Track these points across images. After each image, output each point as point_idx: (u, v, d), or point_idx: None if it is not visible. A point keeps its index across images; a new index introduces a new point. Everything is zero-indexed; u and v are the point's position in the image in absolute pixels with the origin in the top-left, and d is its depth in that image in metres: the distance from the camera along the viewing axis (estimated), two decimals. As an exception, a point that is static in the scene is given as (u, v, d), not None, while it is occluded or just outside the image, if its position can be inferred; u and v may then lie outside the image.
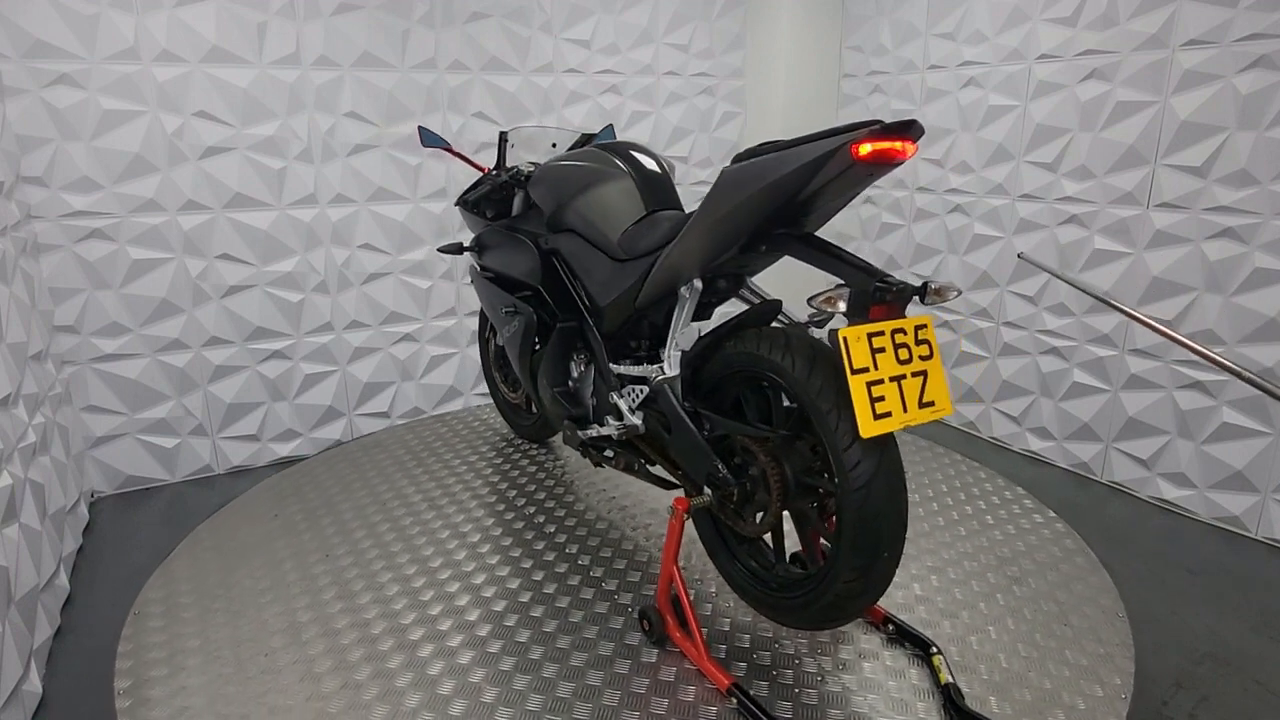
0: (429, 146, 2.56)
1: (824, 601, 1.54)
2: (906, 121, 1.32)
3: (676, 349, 1.78)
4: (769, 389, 1.67)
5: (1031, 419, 3.00)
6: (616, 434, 2.00)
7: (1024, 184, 2.87)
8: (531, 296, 2.38)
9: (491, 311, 2.59)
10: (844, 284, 1.43)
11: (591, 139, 2.61)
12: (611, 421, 2.01)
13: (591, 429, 2.11)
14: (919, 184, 3.31)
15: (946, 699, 1.62)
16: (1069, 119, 2.68)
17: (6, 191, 2.19)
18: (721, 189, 1.53)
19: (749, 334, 1.63)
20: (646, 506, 2.52)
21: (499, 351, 3.01)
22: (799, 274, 1.91)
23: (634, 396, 1.94)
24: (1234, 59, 2.24)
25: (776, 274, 2.29)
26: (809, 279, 1.59)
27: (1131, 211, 2.55)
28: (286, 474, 2.84)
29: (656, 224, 1.85)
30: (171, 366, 2.75)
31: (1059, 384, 2.86)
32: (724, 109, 3.68)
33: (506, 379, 3.02)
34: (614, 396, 1.99)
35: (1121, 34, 2.49)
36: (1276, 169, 2.21)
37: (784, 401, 1.65)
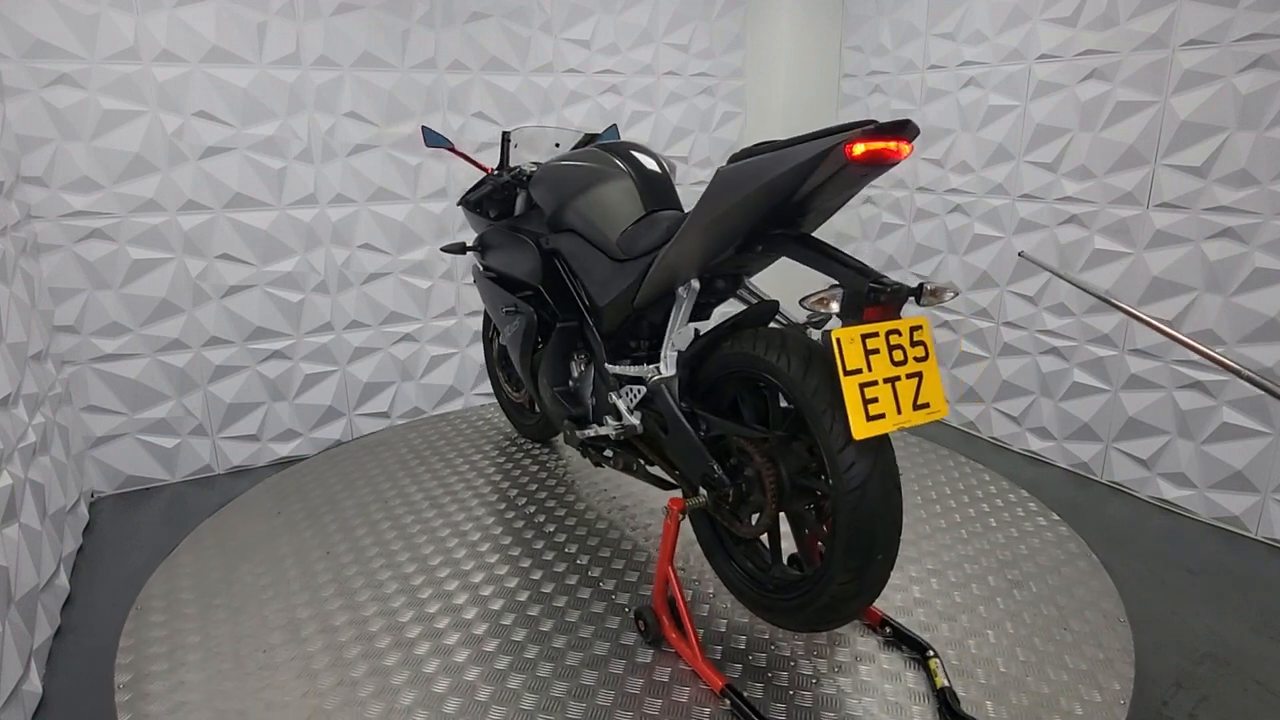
0: (432, 146, 2.56)
1: (819, 604, 1.53)
2: (900, 121, 1.31)
3: (673, 349, 1.78)
4: (766, 390, 1.66)
5: (1031, 419, 3.00)
6: (614, 434, 1.99)
7: (1024, 184, 2.87)
8: (532, 296, 2.38)
9: (493, 311, 2.59)
10: (838, 285, 1.43)
11: (595, 139, 2.61)
12: (610, 421, 2.01)
13: (590, 429, 2.11)
14: (919, 184, 3.31)
15: (942, 703, 1.62)
16: (1069, 119, 2.68)
17: (6, 191, 2.19)
18: (716, 189, 1.53)
19: (745, 334, 1.62)
20: (646, 507, 2.52)
21: (502, 351, 3.02)
22: (798, 275, 1.90)
23: (632, 396, 1.94)
24: (1234, 59, 2.24)
25: (775, 275, 2.29)
26: (808, 280, 1.59)
27: (1131, 211, 2.55)
28: (290, 471, 2.85)
29: (655, 224, 1.85)
30: (171, 366, 2.75)
31: (1059, 384, 2.86)
32: (724, 109, 3.68)
33: (510, 378, 3.02)
34: (612, 396, 1.99)
35: (1121, 34, 2.49)
36: (1276, 169, 2.21)
37: (781, 402, 1.64)
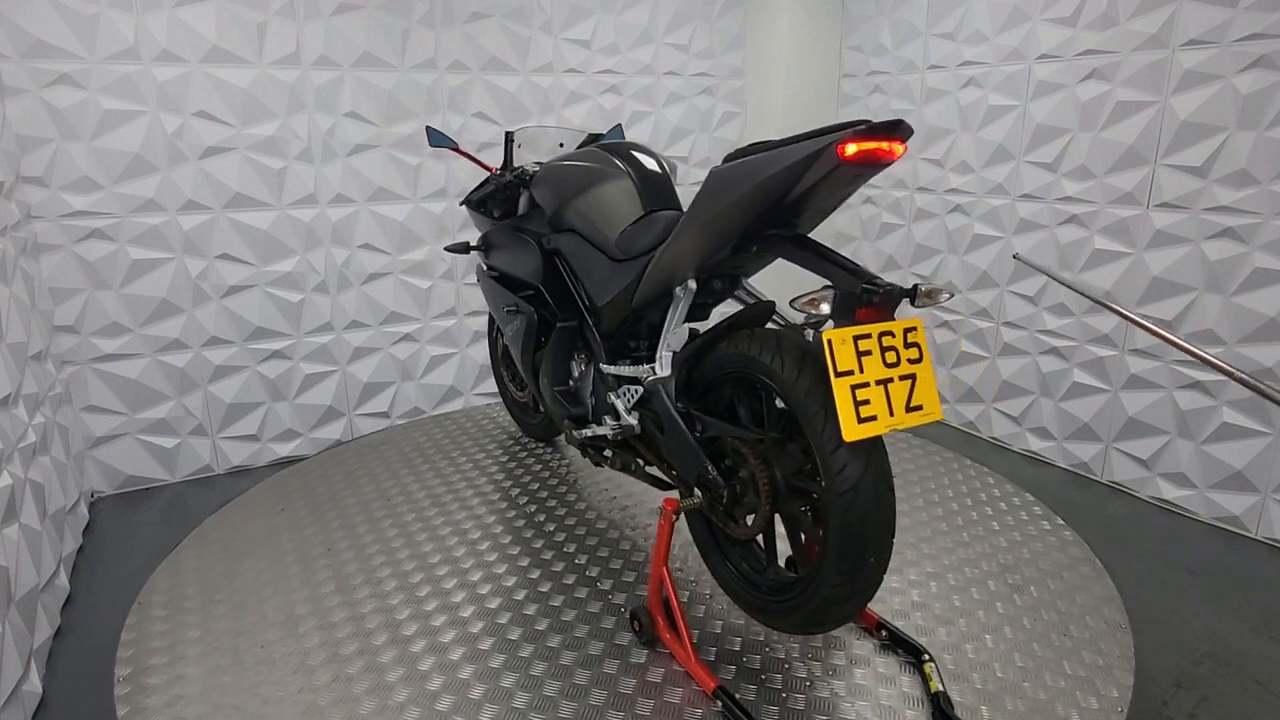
0: (436, 146, 2.57)
1: (811, 606, 1.53)
2: (893, 121, 1.30)
3: (668, 350, 1.77)
4: (762, 391, 1.66)
5: (1031, 419, 3.00)
6: (612, 434, 1.99)
7: (1024, 184, 2.87)
8: (533, 296, 2.38)
9: (495, 310, 2.60)
10: (831, 286, 1.42)
11: (599, 139, 2.60)
12: (609, 421, 2.01)
13: (589, 428, 2.11)
14: (919, 184, 3.31)
15: (936, 708, 1.61)
16: (1069, 119, 2.68)
17: (6, 191, 2.19)
18: (710, 190, 1.52)
19: (741, 335, 1.61)
20: (647, 507, 2.52)
21: (507, 350, 3.02)
22: (796, 275, 1.90)
23: (629, 397, 1.94)
24: (1234, 59, 2.24)
25: (774, 276, 2.29)
26: (807, 281, 1.58)
27: (1131, 211, 2.55)
28: (295, 469, 2.86)
29: (653, 224, 1.84)
30: (171, 366, 2.75)
31: (1059, 384, 2.86)
32: (724, 109, 3.68)
33: (514, 378, 3.03)
34: (611, 397, 1.99)
35: (1121, 34, 2.49)
36: (1276, 169, 2.20)
37: (777, 404, 1.64)
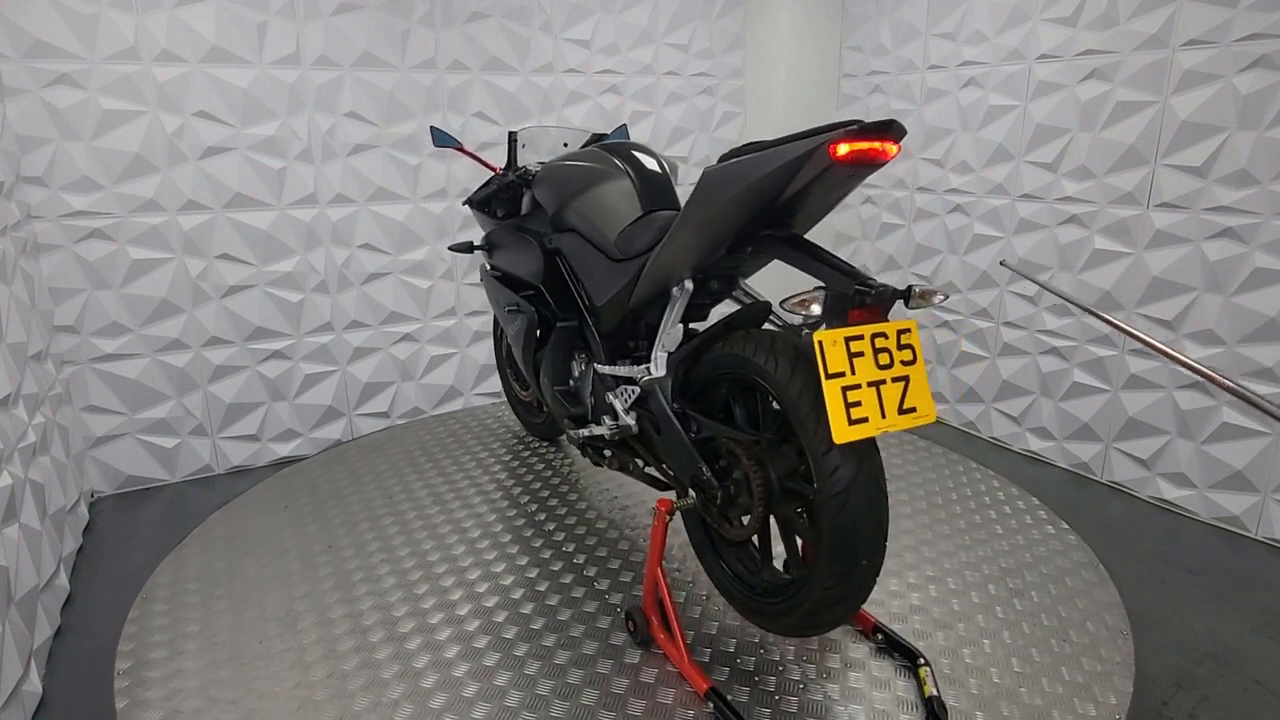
0: (441, 146, 2.57)
1: (804, 609, 1.52)
2: (885, 121, 1.30)
3: (663, 350, 1.77)
4: (757, 392, 1.65)
5: (1031, 419, 3.00)
6: (609, 434, 2.00)
7: (1024, 184, 2.87)
8: (534, 295, 2.38)
9: (497, 309, 2.60)
10: (823, 287, 1.41)
11: (603, 139, 2.60)
12: (607, 421, 2.01)
13: (589, 428, 2.12)
14: (919, 184, 3.31)
15: (929, 712, 1.60)
16: (1069, 119, 2.68)
17: (6, 191, 2.19)
18: (703, 190, 1.52)
19: (736, 336, 1.61)
20: (647, 507, 2.52)
21: (511, 350, 3.03)
22: (795, 276, 1.90)
23: (627, 397, 1.94)
24: (1234, 59, 2.24)
25: (773, 277, 2.29)
26: (804, 282, 1.58)
27: (1131, 211, 2.55)
28: (300, 467, 2.88)
29: (651, 224, 1.84)
30: (171, 366, 2.75)
31: (1059, 384, 2.86)
32: (724, 109, 3.68)
33: (518, 377, 3.04)
34: (609, 396, 1.99)
35: (1121, 34, 2.49)
36: (1276, 169, 2.21)
37: (772, 405, 1.64)
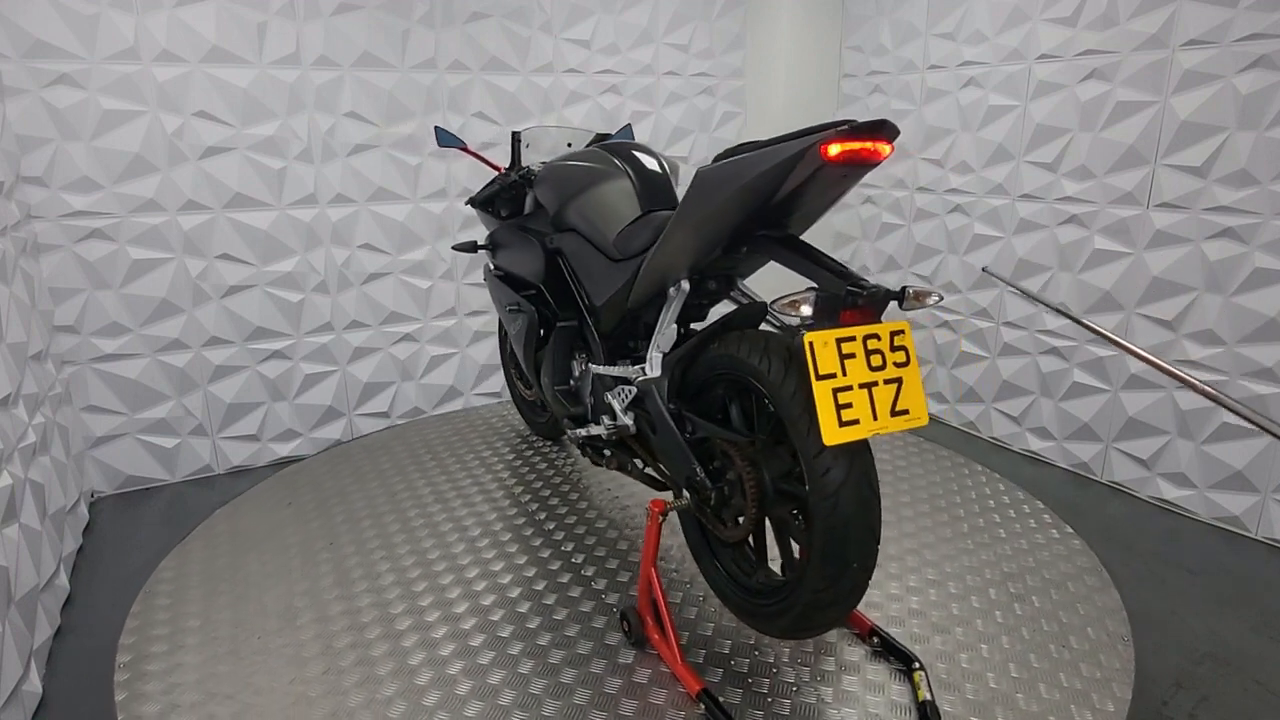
0: (445, 146, 2.56)
1: (796, 611, 1.51)
2: (877, 121, 1.29)
3: (658, 350, 1.77)
4: (752, 393, 1.65)
5: (1031, 419, 3.00)
6: (607, 434, 2.00)
7: (1024, 184, 2.87)
8: (535, 295, 2.38)
9: (500, 309, 2.61)
10: (815, 287, 1.40)
11: (608, 139, 2.60)
12: (605, 421, 2.01)
13: (588, 428, 2.12)
14: (919, 184, 3.31)
15: (922, 717, 1.60)
16: (1069, 119, 2.68)
17: (6, 191, 2.19)
18: (697, 190, 1.52)
19: (731, 336, 1.60)
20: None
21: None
22: (793, 277, 1.90)
23: (625, 397, 1.94)
24: (1234, 59, 2.24)
25: (772, 277, 2.29)
26: (801, 283, 1.58)
27: (1131, 211, 2.55)
28: (303, 465, 2.89)
29: (649, 224, 1.84)
30: (171, 366, 2.75)
31: (1059, 384, 2.86)
32: (724, 109, 3.68)
33: (522, 376, 3.05)
34: (608, 396, 1.99)
35: (1121, 34, 2.49)
36: (1276, 169, 2.21)
37: (767, 406, 1.63)
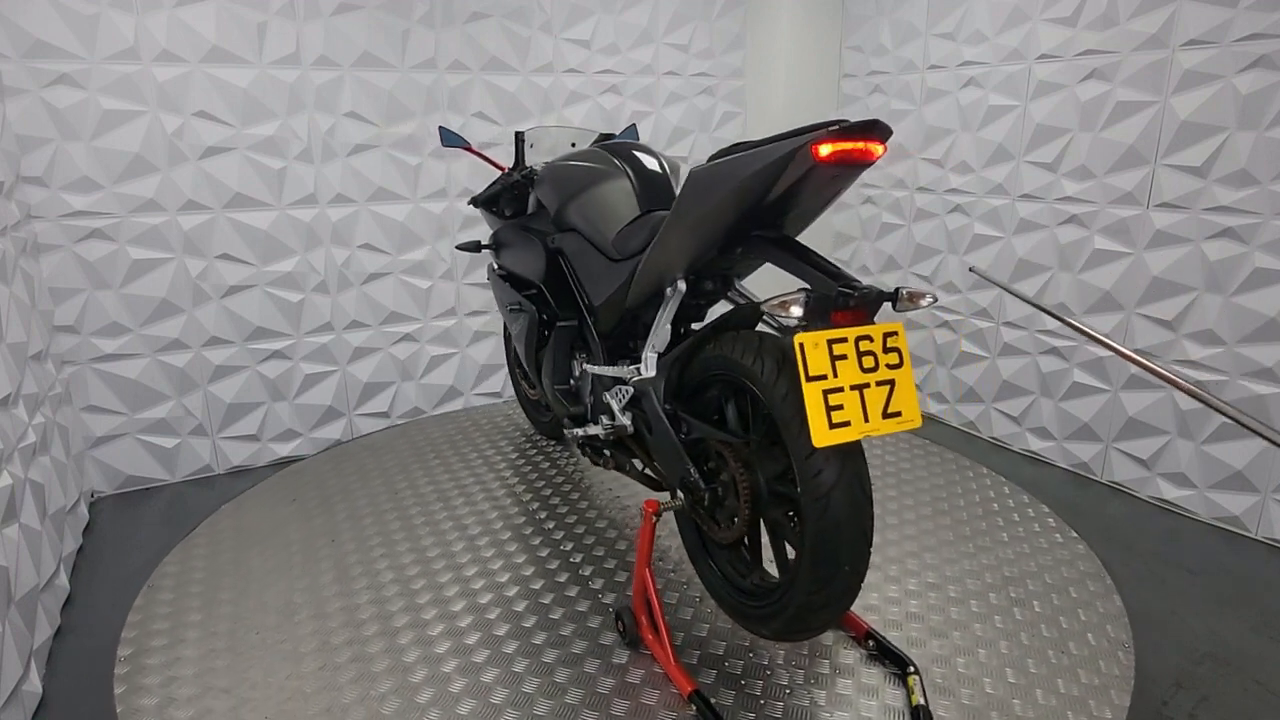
0: (449, 146, 2.57)
1: (788, 613, 1.51)
2: (869, 121, 1.28)
3: (653, 351, 1.77)
4: (747, 394, 1.64)
5: (1031, 419, 2.99)
6: (604, 433, 2.00)
7: (1024, 184, 2.87)
8: (536, 294, 2.39)
9: (502, 308, 2.62)
10: (806, 288, 1.40)
11: (611, 139, 2.60)
12: (603, 420, 2.01)
13: (587, 427, 2.12)
14: (919, 184, 3.31)
15: None
16: (1069, 119, 2.68)
17: (6, 191, 2.19)
18: (690, 190, 1.51)
19: (726, 337, 1.60)
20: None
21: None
22: (790, 278, 1.90)
23: (622, 397, 1.94)
24: (1234, 59, 2.24)
25: (771, 278, 2.29)
26: (796, 283, 1.58)
27: (1131, 211, 2.55)
28: (307, 463, 2.90)
29: (647, 224, 1.84)
30: (171, 366, 2.75)
31: (1059, 384, 2.86)
32: (724, 109, 3.68)
33: (526, 375, 3.05)
34: (606, 396, 1.99)
35: (1121, 34, 2.49)
36: (1276, 169, 2.20)
37: (762, 407, 1.63)
